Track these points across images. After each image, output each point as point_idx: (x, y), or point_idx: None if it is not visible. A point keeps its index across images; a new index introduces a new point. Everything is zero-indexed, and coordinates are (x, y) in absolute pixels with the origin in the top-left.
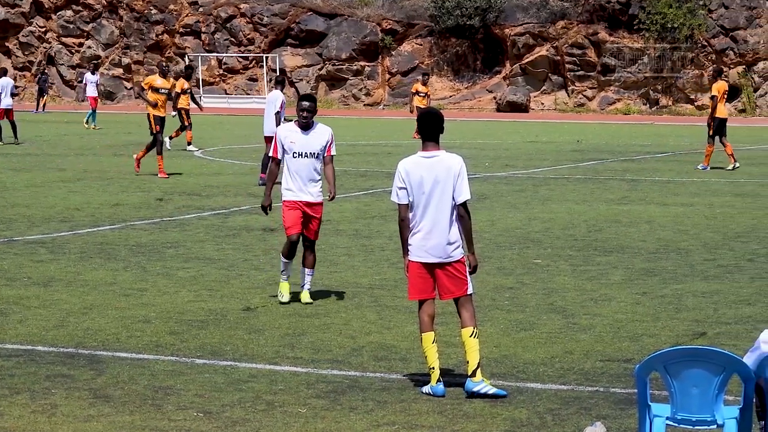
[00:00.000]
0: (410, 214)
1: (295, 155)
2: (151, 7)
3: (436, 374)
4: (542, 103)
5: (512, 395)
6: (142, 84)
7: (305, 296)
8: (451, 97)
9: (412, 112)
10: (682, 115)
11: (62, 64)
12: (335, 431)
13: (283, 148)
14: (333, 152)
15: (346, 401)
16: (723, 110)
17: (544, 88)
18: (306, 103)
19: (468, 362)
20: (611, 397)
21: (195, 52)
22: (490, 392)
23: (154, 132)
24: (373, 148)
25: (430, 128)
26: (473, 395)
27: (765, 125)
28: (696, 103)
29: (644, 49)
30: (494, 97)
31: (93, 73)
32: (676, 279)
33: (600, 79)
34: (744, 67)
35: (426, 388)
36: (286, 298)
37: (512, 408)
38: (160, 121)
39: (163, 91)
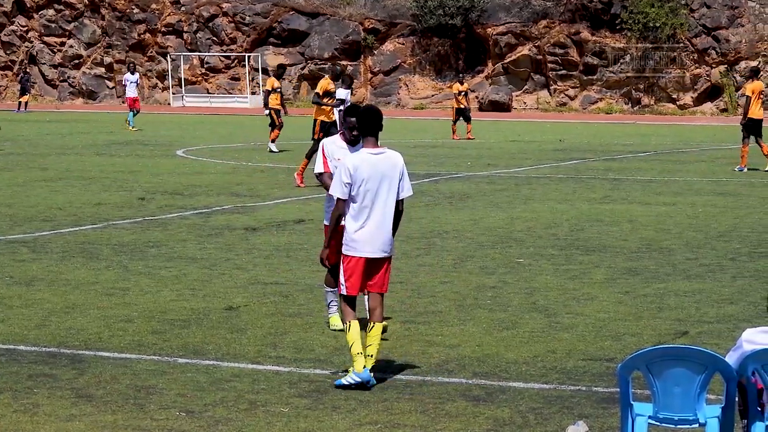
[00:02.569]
0: (353, 210)
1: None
2: (133, 6)
3: (361, 361)
4: (524, 103)
5: (495, 394)
6: (317, 90)
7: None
8: (433, 96)
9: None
10: (665, 114)
11: (44, 63)
12: (318, 430)
13: (331, 161)
14: None
15: (329, 400)
16: (758, 111)
17: (526, 87)
18: (354, 119)
19: (372, 356)
20: (593, 396)
21: (177, 52)
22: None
23: (317, 137)
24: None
25: (370, 125)
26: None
27: None
28: (678, 103)
29: (626, 48)
30: (476, 97)
31: (132, 73)
32: (659, 278)
33: (582, 79)
34: (726, 66)
35: (347, 378)
36: (341, 326)
37: (495, 407)
38: (326, 127)
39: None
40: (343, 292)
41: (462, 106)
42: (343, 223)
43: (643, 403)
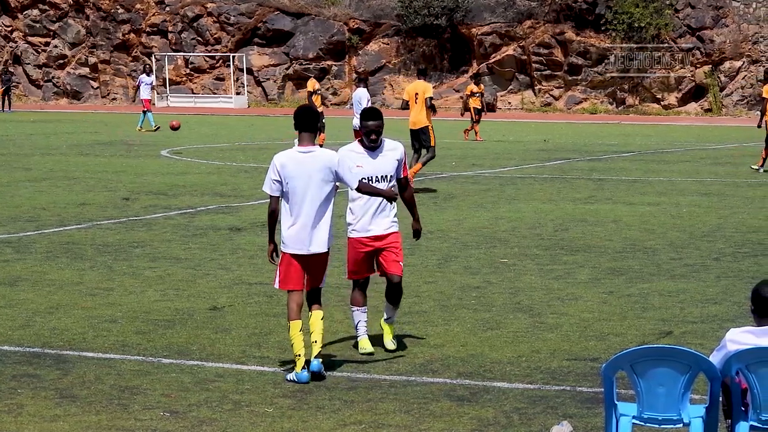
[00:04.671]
0: (285, 208)
1: (362, 181)
2: (118, 7)
3: (301, 362)
4: (509, 103)
5: (479, 394)
6: (429, 95)
7: (387, 334)
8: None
9: (462, 114)
10: (649, 114)
11: (28, 64)
12: (302, 430)
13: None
14: (407, 172)
15: (313, 400)
16: None
17: (510, 87)
18: (371, 123)
19: (316, 341)
20: (578, 396)
21: (162, 52)
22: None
23: (433, 144)
24: (340, 146)
25: (307, 123)
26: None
27: (731, 125)
28: (662, 103)
29: (611, 48)
30: (461, 97)
31: (148, 75)
32: (643, 278)
33: (567, 79)
34: (710, 66)
35: (291, 375)
36: (370, 348)
37: (479, 407)
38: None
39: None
40: (276, 285)
41: (478, 107)
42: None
43: (627, 403)
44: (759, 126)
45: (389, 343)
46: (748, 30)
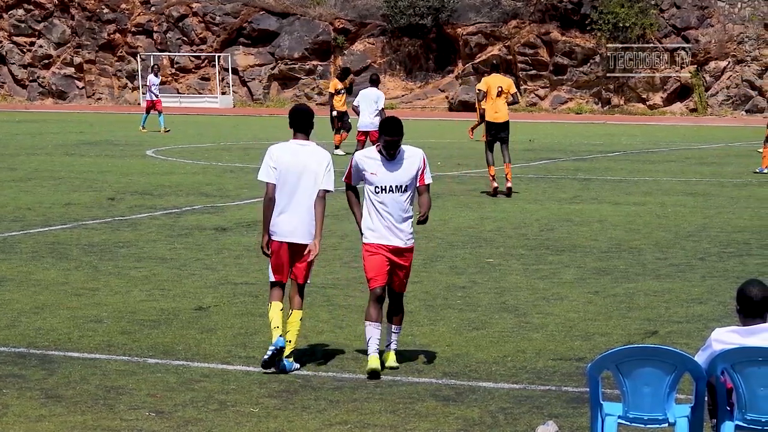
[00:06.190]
0: (277, 197)
1: (377, 190)
2: (103, 6)
3: (277, 332)
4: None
5: (464, 394)
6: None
7: (390, 358)
8: (403, 96)
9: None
10: (634, 114)
11: (13, 63)
12: (288, 430)
13: (361, 177)
14: (428, 180)
15: (299, 400)
16: None
17: None
18: (389, 138)
19: (291, 341)
20: (563, 396)
21: (147, 51)
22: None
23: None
24: (323, 145)
25: (302, 122)
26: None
27: (716, 125)
28: (648, 103)
29: (596, 48)
30: (447, 97)
31: (156, 75)
32: (628, 278)
33: (552, 79)
34: (696, 66)
35: (271, 347)
36: (376, 367)
37: (464, 407)
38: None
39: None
40: (271, 278)
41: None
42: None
43: (612, 402)
44: None
45: (392, 363)
46: (733, 30)
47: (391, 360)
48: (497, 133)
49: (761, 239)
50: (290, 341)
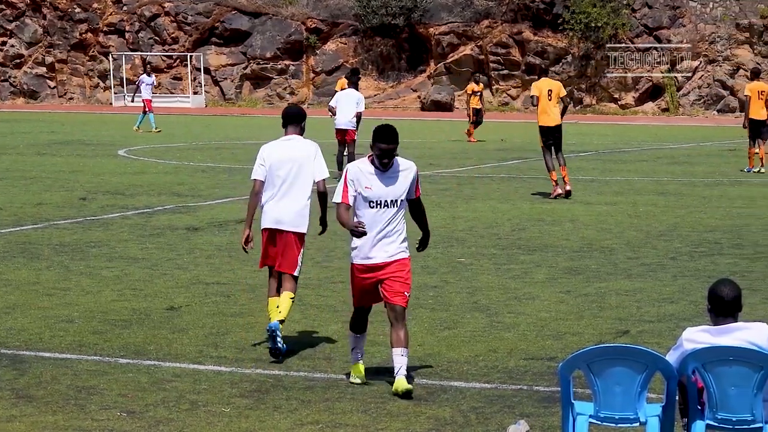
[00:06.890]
0: (265, 188)
1: (371, 204)
2: (75, 6)
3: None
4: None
5: (436, 394)
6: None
7: (401, 384)
8: (375, 95)
9: (470, 114)
10: (606, 114)
11: None
12: (259, 430)
13: (356, 191)
14: (420, 191)
15: (270, 400)
16: (759, 112)
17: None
18: (384, 146)
19: (280, 311)
20: (535, 396)
21: (119, 51)
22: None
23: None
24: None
25: (289, 118)
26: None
27: (688, 124)
28: (620, 103)
29: (568, 48)
30: (419, 96)
31: (149, 75)
32: (600, 277)
33: (524, 78)
34: (667, 66)
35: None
36: (358, 380)
37: (436, 407)
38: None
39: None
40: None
41: (478, 107)
42: (261, 204)
43: (584, 402)
44: (744, 126)
45: (404, 387)
46: (705, 30)
47: (403, 385)
48: (550, 136)
49: (732, 239)
50: (281, 311)
